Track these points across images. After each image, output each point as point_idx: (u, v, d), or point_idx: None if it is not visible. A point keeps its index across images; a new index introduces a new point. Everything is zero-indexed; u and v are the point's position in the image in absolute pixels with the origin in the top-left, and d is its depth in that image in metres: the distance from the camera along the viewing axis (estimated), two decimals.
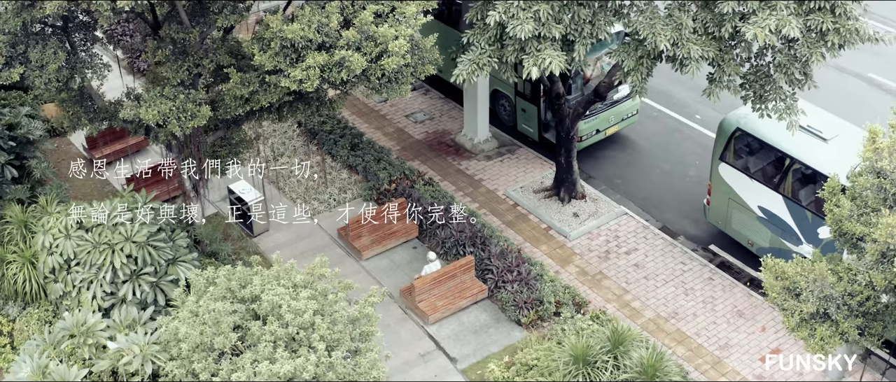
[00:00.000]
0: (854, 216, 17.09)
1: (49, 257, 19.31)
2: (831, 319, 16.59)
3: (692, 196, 25.85)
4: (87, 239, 19.11)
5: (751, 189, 22.87)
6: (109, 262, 18.85)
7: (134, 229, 19.01)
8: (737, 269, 23.60)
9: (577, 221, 24.81)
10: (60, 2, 15.52)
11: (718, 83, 18.71)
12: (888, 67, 29.48)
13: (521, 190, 26.01)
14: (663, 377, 17.61)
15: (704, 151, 27.28)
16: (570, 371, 17.98)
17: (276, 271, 16.83)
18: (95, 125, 19.61)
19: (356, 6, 16.73)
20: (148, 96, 17.70)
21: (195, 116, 17.59)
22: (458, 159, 27.36)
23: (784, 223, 22.32)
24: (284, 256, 23.67)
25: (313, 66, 16.10)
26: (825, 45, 17.66)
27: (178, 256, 19.74)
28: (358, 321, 16.78)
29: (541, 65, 17.06)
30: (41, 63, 17.15)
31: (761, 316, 22.12)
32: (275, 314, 15.99)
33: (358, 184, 25.86)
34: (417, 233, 24.08)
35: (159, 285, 19.33)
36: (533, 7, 16.83)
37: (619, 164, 27.22)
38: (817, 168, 21.43)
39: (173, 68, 17.59)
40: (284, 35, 15.86)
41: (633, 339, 18.26)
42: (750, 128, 22.69)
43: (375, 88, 17.32)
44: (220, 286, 16.63)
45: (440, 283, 21.94)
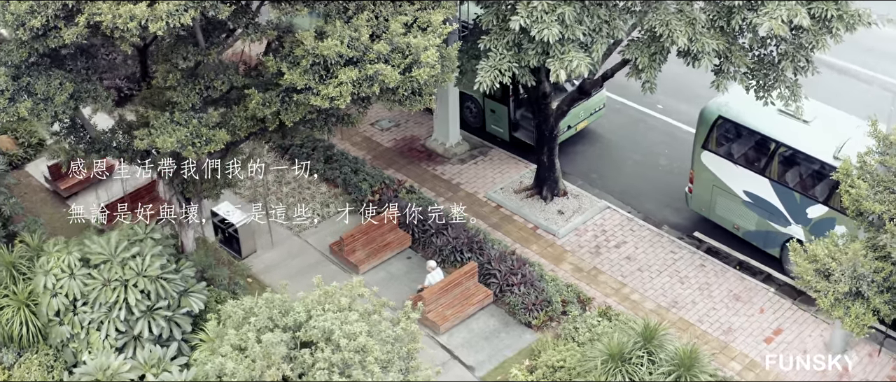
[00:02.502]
0: (870, 196, 17.68)
1: (53, 299, 18.30)
2: (863, 297, 17.14)
3: (667, 185, 26.30)
4: (95, 276, 18.19)
5: (735, 175, 23.39)
6: (123, 299, 17.98)
7: (145, 263, 18.19)
8: (724, 254, 24.12)
9: (563, 219, 24.93)
10: (81, 29, 14.68)
11: (725, 74, 19.04)
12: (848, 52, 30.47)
13: (502, 191, 25.98)
14: (700, 369, 17.84)
15: (672, 140, 27.84)
16: (608, 370, 18.04)
17: (319, 295, 16.34)
18: (91, 156, 18.65)
19: (380, 18, 16.35)
20: (158, 123, 16.93)
21: (210, 141, 16.92)
22: (432, 164, 27.14)
23: (771, 205, 22.91)
24: (278, 276, 23.19)
25: (345, 82, 15.68)
26: (829, 32, 18.17)
27: (189, 287, 18.99)
28: (402, 339, 16.47)
29: (567, 67, 17.04)
30: (47, 95, 16.20)
31: (757, 299, 22.66)
32: (327, 340, 15.52)
33: (339, 198, 25.36)
34: (410, 243, 23.78)
35: (174, 319, 18.55)
36: (557, 10, 16.78)
37: (592, 159, 27.48)
38: (802, 149, 22.08)
39: (184, 92, 16.87)
40: (319, 51, 15.38)
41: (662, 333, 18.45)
42: (732, 116, 23.20)
43: (399, 101, 16.99)
44: (260, 315, 16.03)
45: (447, 292, 21.74)
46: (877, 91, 28.62)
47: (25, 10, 14.51)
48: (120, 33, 14.62)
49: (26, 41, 15.15)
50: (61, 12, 14.74)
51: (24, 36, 14.69)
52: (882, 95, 27.94)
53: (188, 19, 14.32)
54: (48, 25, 14.80)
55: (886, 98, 27.67)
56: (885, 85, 28.72)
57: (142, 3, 14.27)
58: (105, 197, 24.46)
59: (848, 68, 29.14)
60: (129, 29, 14.30)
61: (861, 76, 29.13)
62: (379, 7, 16.20)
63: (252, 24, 16.16)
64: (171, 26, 14.29)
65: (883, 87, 28.63)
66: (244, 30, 16.19)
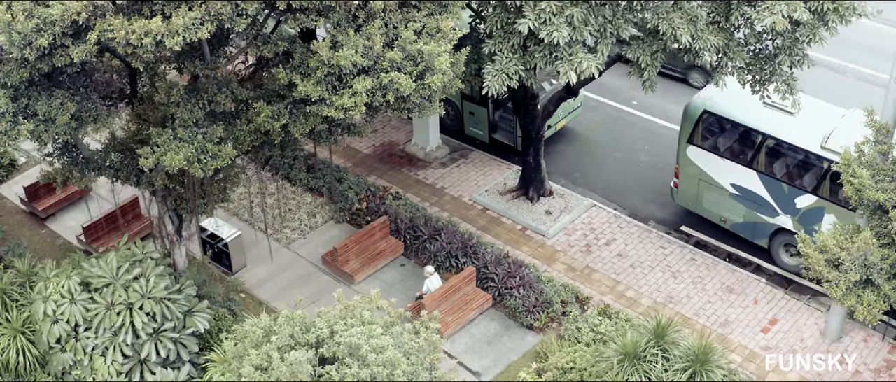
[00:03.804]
0: (872, 185, 17.97)
1: (53, 326, 17.68)
2: (874, 284, 17.42)
3: (650, 180, 26.47)
4: (97, 300, 17.62)
5: (722, 168, 23.62)
6: (129, 322, 17.45)
7: (150, 284, 17.68)
8: (712, 247, 24.35)
9: (552, 219, 24.92)
10: (90, 47, 14.16)
11: (723, 69, 19.20)
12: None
13: (487, 193, 25.88)
14: (714, 363, 17.96)
15: (650, 136, 28.04)
16: (624, 369, 18.06)
17: (341, 309, 16.04)
18: (88, 178, 18.06)
19: (389, 26, 16.10)
20: (161, 140, 16.44)
21: (217, 156, 16.50)
22: (414, 169, 26.92)
23: (759, 197, 23.19)
24: (271, 290, 22.81)
25: (360, 92, 15.41)
26: (825, 25, 18.42)
27: (192, 307, 18.52)
28: (425, 349, 16.27)
29: (577, 68, 17.00)
30: (49, 116, 15.62)
31: (750, 290, 22.91)
32: (354, 355, 15.25)
33: (325, 207, 25.01)
34: (403, 250, 23.54)
35: (181, 340, 18.07)
36: (565, 11, 16.72)
37: (572, 158, 27.53)
38: (789, 140, 22.38)
39: (187, 108, 16.41)
40: (336, 62, 15.07)
41: (674, 329, 18.54)
42: (717, 110, 23.42)
43: (409, 109, 16.77)
44: (282, 333, 15.67)
45: (446, 298, 21.57)
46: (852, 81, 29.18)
47: (32, 28, 13.94)
48: (132, 50, 14.14)
49: (29, 61, 14.55)
50: (69, 30, 14.20)
51: (31, 55, 14.10)
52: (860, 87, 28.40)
53: (205, 33, 13.92)
54: (55, 44, 14.26)
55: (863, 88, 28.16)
56: (862, 75, 29.20)
57: (156, 18, 13.82)
58: (85, 217, 23.75)
59: (828, 62, 29.52)
60: (144, 45, 13.84)
61: (846, 71, 29.45)
62: (388, 15, 15.96)
63: (261, 35, 15.78)
64: (186, 41, 13.87)
65: (859, 78, 29.15)
66: (252, 41, 15.81)
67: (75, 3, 13.76)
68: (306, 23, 14.89)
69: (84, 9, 13.80)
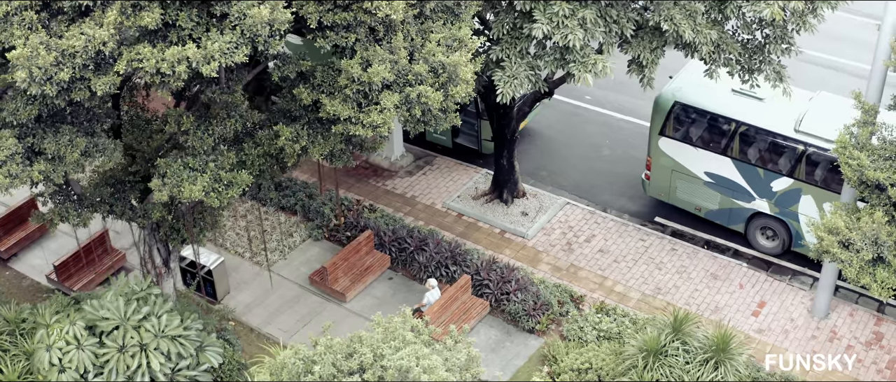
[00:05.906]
0: (870, 165, 18.47)
1: (61, 374, 16.59)
2: (885, 262, 17.93)
3: (616, 174, 26.66)
4: (108, 344, 16.63)
5: (695, 157, 23.96)
6: (146, 364, 16.53)
7: (162, 322, 16.80)
8: (689, 236, 24.70)
9: (529, 220, 24.85)
10: (114, 79, 13.27)
11: (716, 62, 19.44)
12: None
13: (459, 198, 25.63)
14: (735, 351, 18.17)
15: (609, 129, 28.26)
16: (647, 365, 18.10)
17: (382, 333, 15.54)
18: (84, 216, 17.02)
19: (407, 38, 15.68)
20: (171, 171, 15.62)
21: (232, 184, 15.78)
22: (381, 180, 26.44)
23: (734, 183, 23.62)
24: (261, 315, 22.10)
25: (388, 109, 14.95)
26: (813, 14, 18.84)
27: (203, 342, 17.69)
28: (469, 365, 15.95)
29: (592, 70, 16.92)
30: (57, 154, 14.61)
31: (734, 275, 23.33)
32: (405, 378, 14.80)
33: (300, 226, 24.30)
34: (389, 263, 23.08)
35: (197, 378, 17.24)
36: (578, 13, 16.61)
37: (537, 157, 27.50)
38: (762, 126, 22.85)
39: (198, 136, 15.63)
40: (367, 79, 14.56)
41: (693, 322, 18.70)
42: (688, 100, 23.74)
43: (426, 122, 16.36)
44: (324, 363, 15.09)
45: (446, 308, 21.25)
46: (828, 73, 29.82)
47: (52, 62, 12.96)
48: (161, 79, 13.33)
49: (49, 96, 13.51)
50: (91, 62, 13.28)
51: (52, 91, 13.12)
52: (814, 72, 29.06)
53: (242, 57, 13.24)
54: (75, 77, 13.32)
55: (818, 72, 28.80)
56: (836, 65, 29.74)
57: (190, 45, 13.04)
58: (52, 256, 22.44)
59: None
60: (177, 73, 13.06)
61: (821, 62, 29.91)
62: (406, 27, 15.52)
63: (281, 55, 15.13)
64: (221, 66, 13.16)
65: (836, 69, 29.73)
66: (273, 61, 15.14)
67: (101, 31, 12.88)
68: (336, 40, 14.35)
69: (111, 38, 12.93)
